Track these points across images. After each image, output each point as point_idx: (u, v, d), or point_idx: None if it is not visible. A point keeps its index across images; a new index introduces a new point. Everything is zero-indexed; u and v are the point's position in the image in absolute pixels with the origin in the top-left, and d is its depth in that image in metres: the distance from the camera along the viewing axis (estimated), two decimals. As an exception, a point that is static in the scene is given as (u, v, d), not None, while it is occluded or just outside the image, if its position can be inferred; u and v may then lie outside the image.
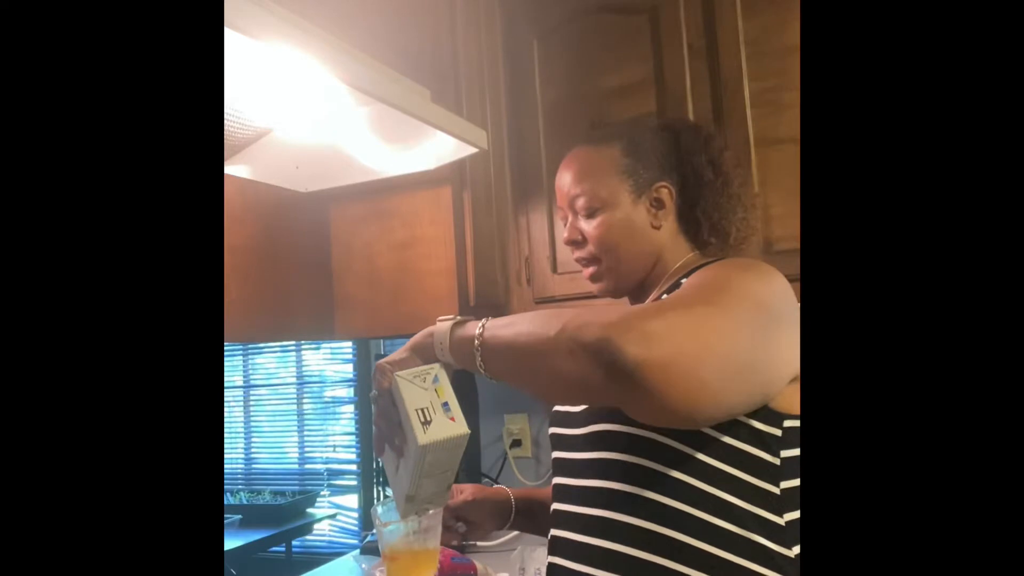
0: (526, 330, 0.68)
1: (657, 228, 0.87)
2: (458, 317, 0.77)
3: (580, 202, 0.88)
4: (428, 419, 0.70)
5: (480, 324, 0.73)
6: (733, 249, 0.90)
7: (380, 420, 0.76)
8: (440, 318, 0.78)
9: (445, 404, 0.72)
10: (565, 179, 0.90)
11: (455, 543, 0.93)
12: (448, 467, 0.75)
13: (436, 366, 0.75)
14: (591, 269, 0.91)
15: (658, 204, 0.88)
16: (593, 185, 0.87)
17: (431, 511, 0.81)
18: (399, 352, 0.79)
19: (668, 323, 0.61)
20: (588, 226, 0.88)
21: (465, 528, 0.96)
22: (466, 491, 0.98)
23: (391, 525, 0.81)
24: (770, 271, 0.72)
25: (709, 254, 0.89)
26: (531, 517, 1.01)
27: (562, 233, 0.92)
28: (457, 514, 0.97)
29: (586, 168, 0.89)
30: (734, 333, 0.64)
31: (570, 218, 0.91)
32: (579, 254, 0.91)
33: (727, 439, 0.70)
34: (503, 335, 0.70)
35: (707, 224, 0.88)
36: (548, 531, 0.82)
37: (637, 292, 0.91)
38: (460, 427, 0.71)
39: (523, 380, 0.71)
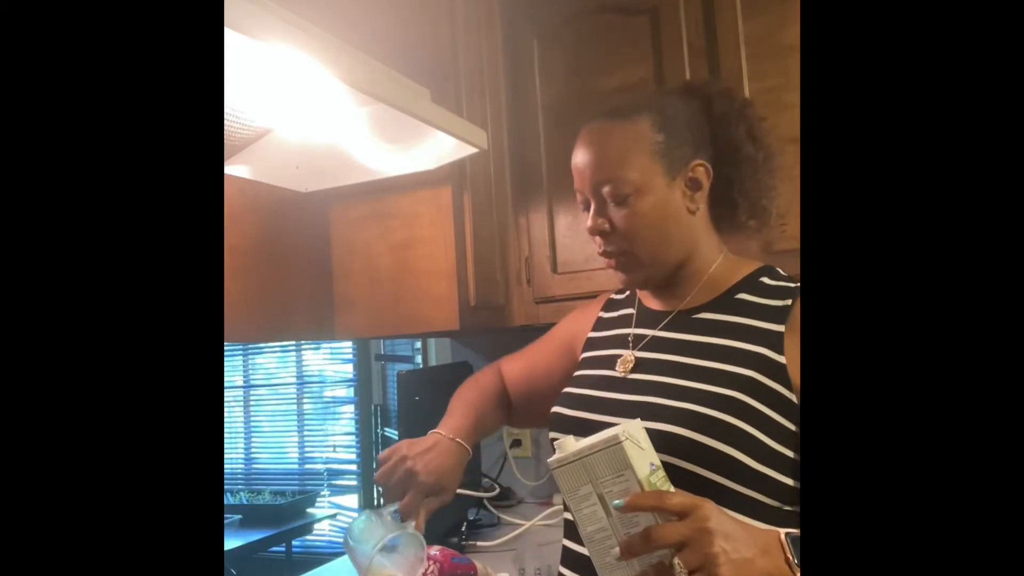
0: None
1: (693, 212, 0.78)
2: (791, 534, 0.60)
3: (607, 188, 0.77)
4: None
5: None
6: (774, 230, 0.81)
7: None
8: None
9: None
10: (586, 160, 0.79)
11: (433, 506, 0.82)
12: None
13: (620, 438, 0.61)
14: (616, 260, 0.80)
15: (694, 185, 0.78)
16: (622, 168, 0.76)
17: (410, 528, 0.76)
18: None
19: None
20: (617, 214, 0.77)
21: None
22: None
23: (365, 546, 0.74)
24: None
25: (741, 237, 0.81)
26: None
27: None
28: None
29: (612, 148, 0.77)
30: None
31: (593, 204, 0.79)
32: (605, 245, 0.80)
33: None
34: None
35: (745, 205, 0.79)
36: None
37: (666, 286, 0.82)
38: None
39: None
